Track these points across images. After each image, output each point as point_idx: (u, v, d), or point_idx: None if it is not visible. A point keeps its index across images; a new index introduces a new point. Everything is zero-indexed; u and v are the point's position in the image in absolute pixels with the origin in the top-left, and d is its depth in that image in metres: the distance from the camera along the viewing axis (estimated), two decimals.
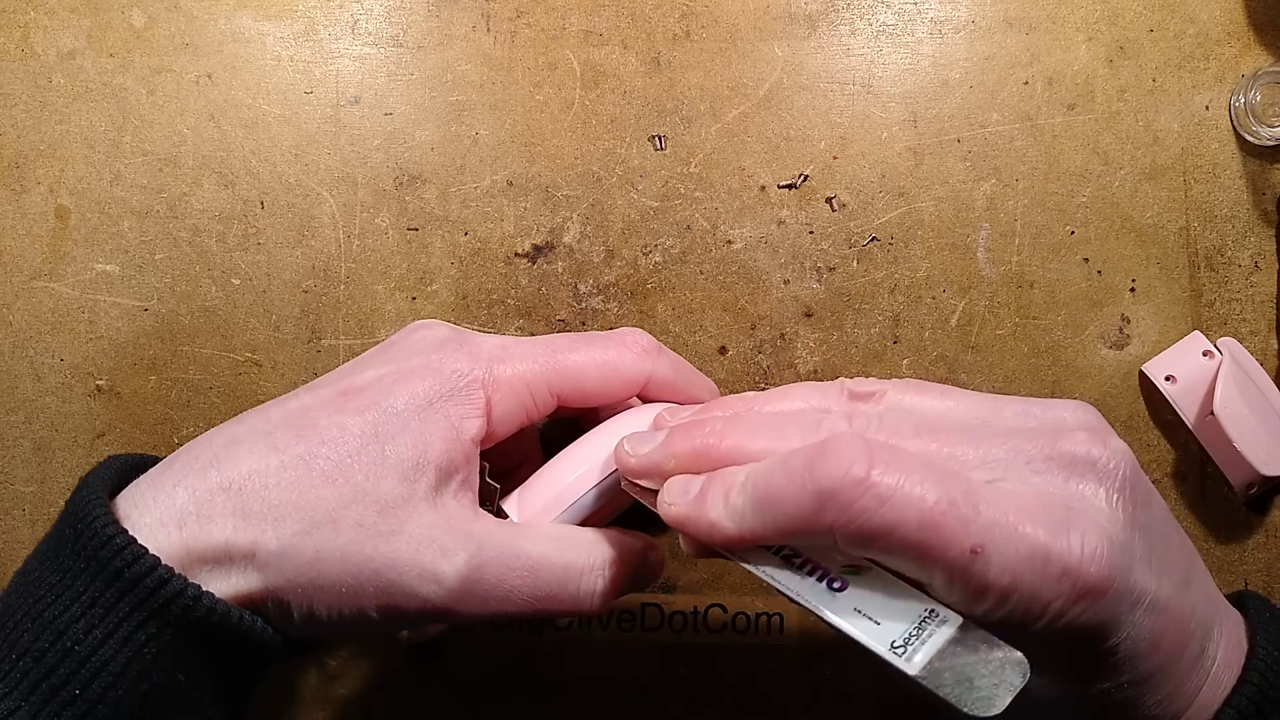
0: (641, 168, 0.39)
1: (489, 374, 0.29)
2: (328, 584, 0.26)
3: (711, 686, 0.38)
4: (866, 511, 0.22)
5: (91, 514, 0.24)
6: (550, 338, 0.31)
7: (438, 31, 0.40)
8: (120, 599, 0.23)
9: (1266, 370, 0.37)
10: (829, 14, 0.39)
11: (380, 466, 0.26)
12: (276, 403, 0.29)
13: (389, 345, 0.31)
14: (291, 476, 0.26)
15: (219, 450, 0.27)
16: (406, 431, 0.27)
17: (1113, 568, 0.23)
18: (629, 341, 0.31)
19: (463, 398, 0.28)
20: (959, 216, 0.39)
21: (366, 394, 0.28)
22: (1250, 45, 0.38)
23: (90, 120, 0.40)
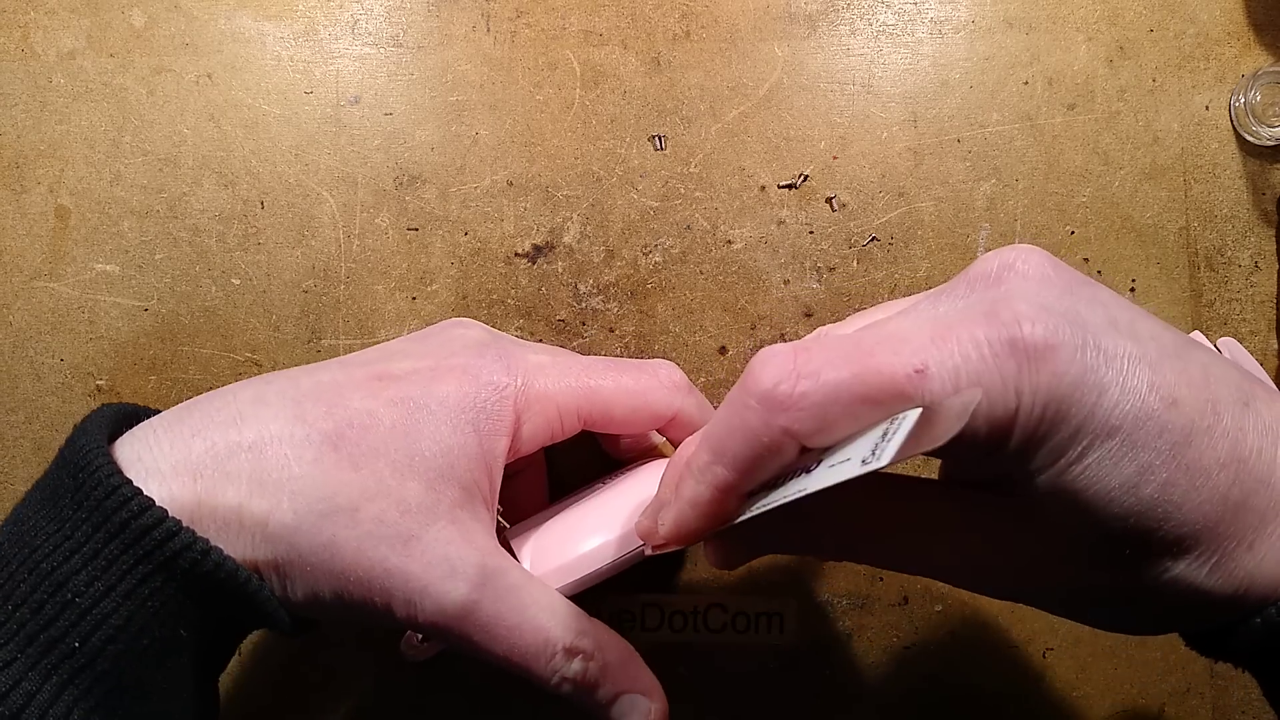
0: (641, 168, 0.39)
1: (524, 392, 0.28)
2: (337, 571, 0.25)
3: (711, 686, 0.38)
4: (807, 394, 0.22)
5: (94, 462, 0.23)
6: (585, 360, 0.31)
7: (438, 31, 0.40)
8: (125, 551, 0.22)
9: (1266, 370, 0.37)
10: (829, 14, 0.39)
11: (408, 467, 0.26)
12: (305, 371, 0.28)
13: (425, 336, 0.30)
14: (316, 453, 0.25)
15: (244, 408, 0.26)
16: (438, 438, 0.26)
17: (1055, 324, 0.21)
18: (662, 376, 0.31)
19: (495, 413, 0.27)
20: (959, 216, 0.39)
21: (402, 385, 0.27)
22: (1250, 45, 0.38)
23: (90, 120, 0.40)
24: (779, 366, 0.22)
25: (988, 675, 0.38)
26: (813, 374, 0.22)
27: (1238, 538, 0.22)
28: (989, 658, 0.38)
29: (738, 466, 0.23)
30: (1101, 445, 0.21)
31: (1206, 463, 0.21)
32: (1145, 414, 0.21)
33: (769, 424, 0.22)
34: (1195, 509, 0.22)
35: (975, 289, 0.23)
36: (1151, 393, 0.21)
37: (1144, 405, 0.21)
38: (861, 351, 0.22)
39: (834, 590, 0.38)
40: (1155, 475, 0.21)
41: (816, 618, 0.38)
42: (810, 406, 0.22)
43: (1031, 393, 0.21)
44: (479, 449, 0.27)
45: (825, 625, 0.38)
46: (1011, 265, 0.23)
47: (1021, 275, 0.23)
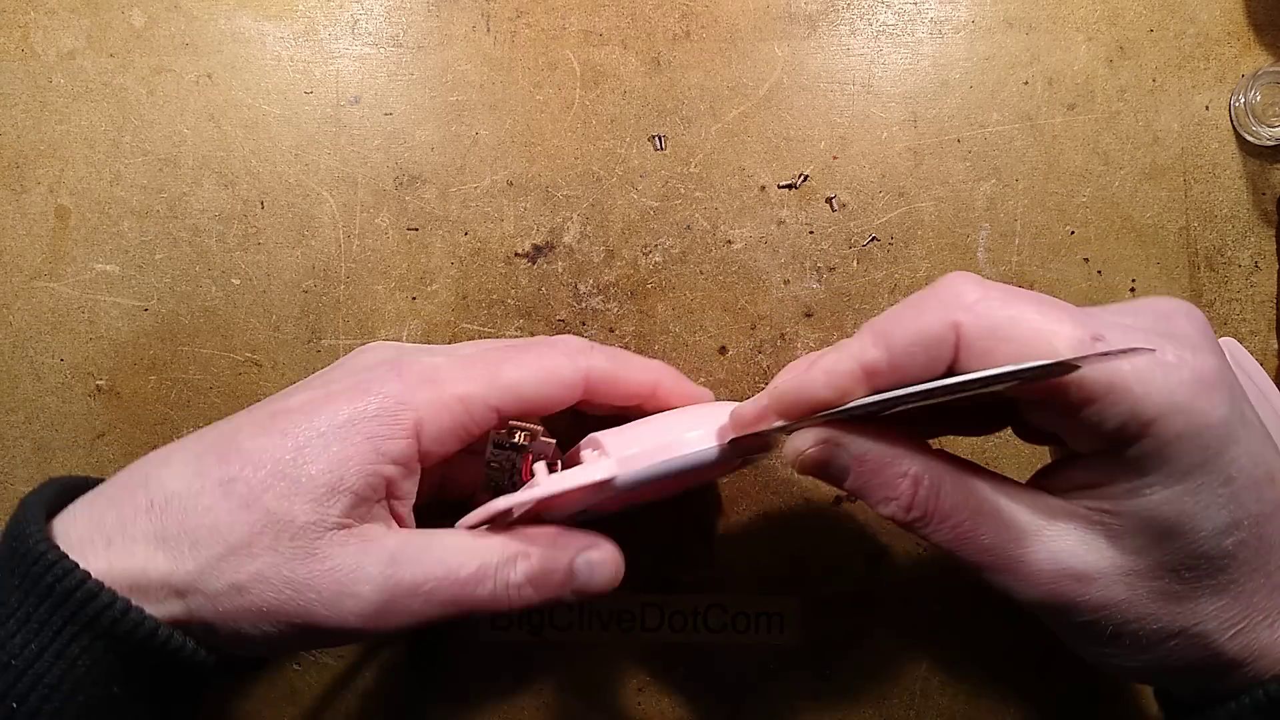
0: (641, 168, 0.39)
1: (416, 392, 0.29)
2: (250, 607, 0.26)
3: (711, 686, 0.38)
4: (992, 305, 0.24)
5: (26, 531, 0.25)
6: (486, 351, 0.31)
7: (438, 31, 0.40)
8: (53, 613, 0.24)
9: (1266, 370, 0.37)
10: (829, 14, 0.39)
11: (294, 491, 0.27)
12: (219, 423, 0.29)
13: (333, 368, 0.32)
14: (209, 501, 0.26)
15: (150, 471, 0.28)
16: (325, 454, 0.27)
17: (1220, 368, 0.24)
18: (560, 346, 0.31)
19: (387, 417, 0.28)
20: (959, 216, 0.39)
21: (293, 416, 0.28)
22: (1250, 45, 0.38)
23: (90, 120, 0.40)
24: (973, 279, 0.25)
25: (988, 675, 0.38)
26: (1000, 298, 0.24)
27: (1267, 612, 0.25)
28: (989, 658, 0.38)
29: (891, 349, 0.25)
30: (1215, 490, 0.24)
31: (1276, 540, 0.24)
32: (1256, 478, 0.24)
33: (942, 316, 0.24)
34: (1251, 573, 0.24)
35: (1141, 314, 0.26)
36: (1263, 465, 0.24)
37: (1256, 470, 0.24)
38: (1049, 305, 0.24)
39: (834, 590, 0.38)
40: (1239, 533, 0.24)
41: (816, 618, 0.38)
42: (986, 315, 0.24)
43: (1183, 411, 0.23)
44: (373, 453, 0.28)
45: (825, 625, 0.38)
46: (1179, 313, 0.26)
47: (1190, 325, 0.25)
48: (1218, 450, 0.23)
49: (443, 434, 0.29)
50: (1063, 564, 0.25)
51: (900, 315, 0.25)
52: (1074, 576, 0.25)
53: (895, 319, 0.25)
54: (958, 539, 0.26)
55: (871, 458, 0.27)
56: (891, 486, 0.27)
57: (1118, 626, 0.25)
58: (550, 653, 0.38)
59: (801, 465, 0.28)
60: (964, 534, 0.26)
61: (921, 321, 0.25)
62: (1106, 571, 0.25)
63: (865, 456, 0.27)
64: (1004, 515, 0.26)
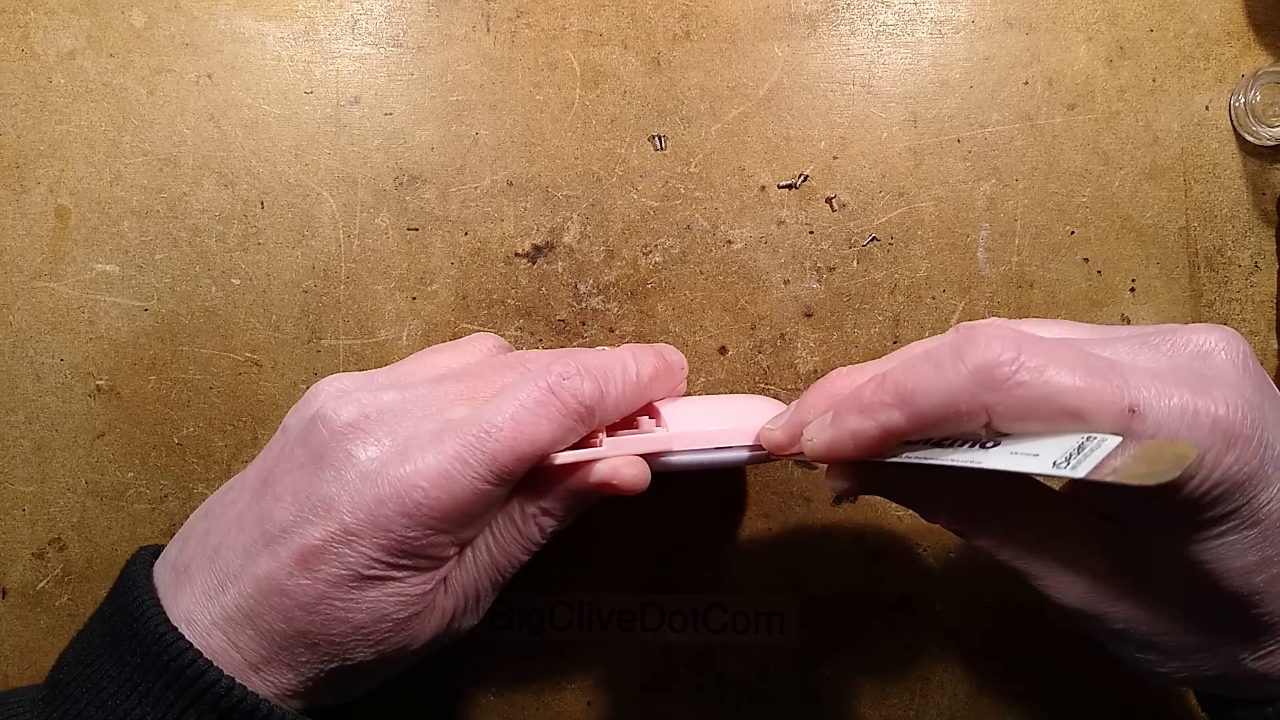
0: (641, 168, 0.39)
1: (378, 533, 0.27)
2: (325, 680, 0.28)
3: (711, 686, 0.38)
4: (1025, 384, 0.23)
5: (144, 612, 0.27)
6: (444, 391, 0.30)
7: (438, 31, 0.40)
8: (168, 688, 0.26)
9: (1266, 370, 0.37)
10: (829, 14, 0.39)
11: (340, 620, 0.28)
12: (265, 539, 0.28)
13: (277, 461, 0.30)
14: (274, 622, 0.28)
15: (241, 565, 0.28)
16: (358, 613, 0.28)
17: (1253, 418, 0.23)
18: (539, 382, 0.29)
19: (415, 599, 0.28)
20: (959, 216, 0.39)
21: (324, 560, 0.27)
22: (1250, 45, 0.38)
23: (90, 120, 0.40)
24: (1006, 346, 0.24)
25: (988, 675, 0.38)
26: (1037, 369, 0.23)
27: None
28: (989, 658, 0.38)
29: (918, 419, 0.25)
30: (1242, 531, 0.24)
31: None
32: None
33: (974, 396, 0.24)
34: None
35: (1179, 353, 0.25)
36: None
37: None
38: (1088, 370, 0.23)
39: (834, 590, 0.38)
40: (1270, 569, 0.24)
41: (816, 618, 0.38)
42: (1022, 397, 0.23)
43: (1212, 468, 0.23)
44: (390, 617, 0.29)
45: (825, 625, 0.38)
46: (1218, 348, 0.25)
47: (1229, 361, 0.25)
48: (1245, 501, 0.24)
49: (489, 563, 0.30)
50: (1092, 583, 0.26)
51: (928, 380, 0.25)
52: (1103, 593, 0.26)
53: (923, 383, 0.25)
54: (994, 546, 0.27)
55: (909, 492, 0.28)
56: (932, 509, 0.28)
57: (1145, 636, 0.26)
58: (550, 653, 0.38)
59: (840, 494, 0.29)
60: (999, 543, 0.27)
61: (950, 393, 0.24)
62: (1135, 593, 0.26)
63: (902, 491, 0.28)
64: (1039, 527, 0.26)
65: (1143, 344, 0.26)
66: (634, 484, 0.30)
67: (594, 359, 0.30)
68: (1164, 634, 0.26)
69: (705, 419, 0.32)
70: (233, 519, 0.29)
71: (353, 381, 0.30)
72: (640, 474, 0.30)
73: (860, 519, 0.38)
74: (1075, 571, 0.26)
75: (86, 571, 0.39)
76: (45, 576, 0.39)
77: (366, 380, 0.30)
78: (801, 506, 0.38)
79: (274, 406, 0.39)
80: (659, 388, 0.32)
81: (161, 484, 0.39)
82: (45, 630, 0.39)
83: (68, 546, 0.39)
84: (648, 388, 0.31)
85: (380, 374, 0.31)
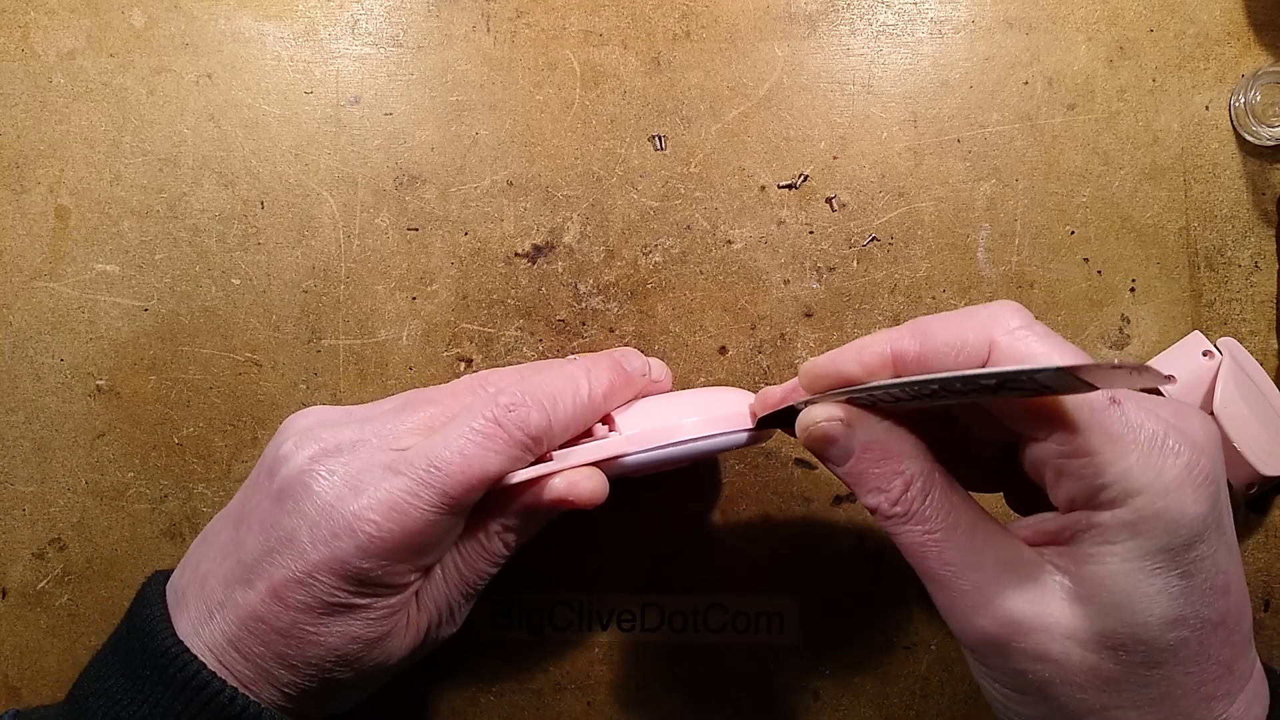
0: (641, 168, 0.39)
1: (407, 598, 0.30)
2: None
3: (711, 686, 0.38)
4: (1029, 338, 0.25)
5: (156, 629, 0.29)
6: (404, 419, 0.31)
7: (438, 31, 0.40)
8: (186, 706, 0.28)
9: (1266, 370, 0.37)
10: (829, 14, 0.39)
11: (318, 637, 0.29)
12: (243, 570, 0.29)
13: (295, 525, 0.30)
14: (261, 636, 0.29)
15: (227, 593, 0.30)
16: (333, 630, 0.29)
17: (1215, 472, 0.24)
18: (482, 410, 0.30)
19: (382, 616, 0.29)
20: (959, 216, 0.39)
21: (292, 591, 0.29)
22: (1250, 45, 0.38)
23: (90, 120, 0.40)
24: (1023, 313, 0.26)
25: None
26: (1040, 335, 0.26)
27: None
28: None
29: (925, 343, 0.26)
30: (1171, 576, 0.24)
31: (1213, 653, 0.25)
32: (1213, 584, 0.24)
33: (982, 331, 0.26)
34: (1183, 677, 0.25)
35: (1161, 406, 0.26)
36: (1223, 574, 0.25)
37: (1216, 576, 0.24)
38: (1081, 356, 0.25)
39: (834, 590, 0.38)
40: (1183, 630, 0.24)
41: (816, 618, 0.38)
42: (1021, 342, 0.25)
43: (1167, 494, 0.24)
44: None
45: (825, 625, 0.38)
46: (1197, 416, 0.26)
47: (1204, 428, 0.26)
48: (1185, 543, 0.24)
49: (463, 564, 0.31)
50: (1010, 606, 0.25)
51: (945, 318, 0.27)
52: (1017, 620, 0.25)
53: (939, 320, 0.27)
54: (925, 545, 0.27)
55: (877, 447, 0.27)
56: (885, 479, 0.27)
57: (1045, 684, 0.25)
58: (550, 653, 0.38)
59: (810, 437, 0.28)
60: (933, 543, 0.27)
61: (962, 327, 0.26)
62: (1049, 627, 0.25)
63: (871, 444, 0.27)
64: (974, 540, 0.26)
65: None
66: (591, 497, 0.30)
67: (544, 383, 0.30)
68: (1062, 685, 0.25)
69: (661, 416, 0.32)
70: (218, 548, 0.30)
71: (323, 415, 0.32)
72: (597, 486, 0.30)
73: (860, 519, 0.38)
74: (992, 593, 0.26)
75: (86, 571, 0.39)
76: (45, 576, 0.39)
77: (340, 416, 0.32)
78: (801, 506, 0.38)
79: (274, 406, 0.39)
80: (615, 400, 0.32)
81: (161, 484, 0.39)
82: (45, 630, 0.39)
83: (68, 546, 0.39)
84: (601, 405, 0.32)
85: (357, 409, 0.32)
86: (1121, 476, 0.24)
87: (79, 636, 0.39)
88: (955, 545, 0.26)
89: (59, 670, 0.39)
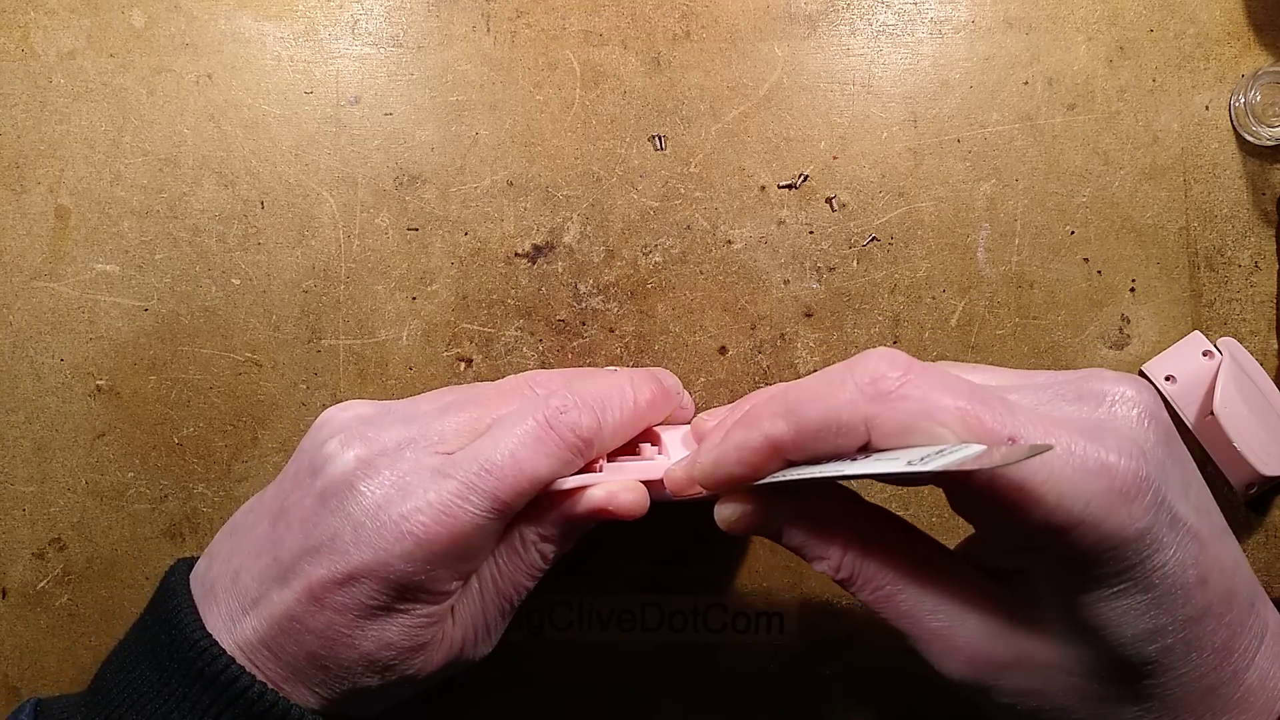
0: (641, 168, 0.39)
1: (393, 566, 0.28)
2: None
3: (711, 686, 0.38)
4: (908, 397, 0.23)
5: (183, 621, 0.28)
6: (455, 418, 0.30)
7: (438, 31, 0.40)
8: (214, 701, 0.27)
9: (1266, 370, 0.37)
10: (829, 14, 0.39)
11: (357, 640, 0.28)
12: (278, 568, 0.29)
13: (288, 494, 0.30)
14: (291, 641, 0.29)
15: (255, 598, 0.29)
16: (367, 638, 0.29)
17: (1148, 470, 0.22)
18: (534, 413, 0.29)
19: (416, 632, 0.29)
20: (959, 216, 0.39)
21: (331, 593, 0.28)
22: (1250, 45, 0.38)
23: (90, 120, 0.40)
24: (894, 364, 0.24)
25: None
26: (922, 386, 0.23)
27: (1198, 715, 0.24)
28: None
29: (800, 429, 0.25)
30: (1134, 595, 0.23)
31: (1204, 643, 0.23)
32: (1180, 584, 0.23)
33: (856, 407, 0.24)
34: (1177, 679, 0.24)
35: (1085, 402, 0.24)
36: (1193, 567, 0.23)
37: (1183, 576, 0.23)
38: (973, 397, 0.23)
39: (834, 590, 0.38)
40: (1163, 638, 0.23)
41: (816, 618, 0.38)
42: (903, 410, 0.23)
43: (1098, 523, 0.22)
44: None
45: (825, 625, 0.38)
46: (1124, 398, 0.24)
47: (1135, 413, 0.24)
48: (1137, 561, 0.23)
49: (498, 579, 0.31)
50: (980, 647, 0.25)
51: (814, 391, 0.25)
52: (990, 660, 0.25)
53: (809, 395, 0.25)
54: (881, 601, 0.26)
55: (801, 522, 0.27)
56: (822, 548, 0.27)
57: (1036, 713, 0.25)
58: (550, 653, 0.38)
59: (731, 530, 0.28)
60: (885, 598, 0.26)
61: (833, 404, 0.24)
62: (1023, 661, 0.24)
63: (795, 524, 0.27)
64: (929, 587, 0.26)
65: (1050, 390, 0.25)
66: (631, 509, 0.30)
67: (593, 388, 0.30)
68: (1052, 710, 0.25)
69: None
70: (251, 543, 0.30)
71: (363, 411, 0.31)
72: (638, 499, 0.30)
73: None
74: (958, 638, 0.25)
75: (86, 571, 0.39)
76: (45, 576, 0.39)
77: (379, 412, 0.31)
78: None
79: (274, 406, 0.39)
80: (656, 412, 0.32)
81: (161, 484, 0.39)
82: (45, 630, 0.39)
83: (68, 546, 0.39)
84: (645, 414, 0.32)
85: (396, 405, 0.32)
86: (1045, 520, 0.22)
87: (79, 636, 0.39)
88: (909, 596, 0.26)
89: (59, 670, 0.39)
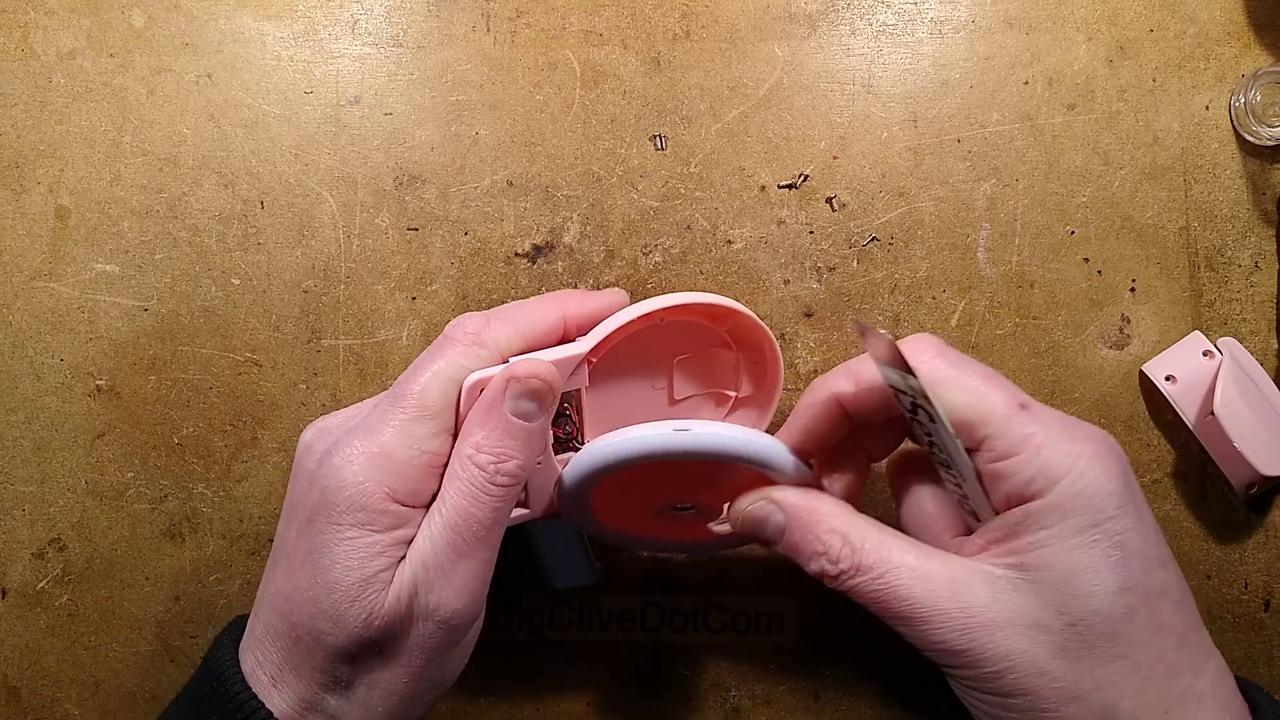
0: (641, 168, 0.39)
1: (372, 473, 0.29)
2: None
3: (711, 686, 0.38)
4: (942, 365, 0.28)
5: (226, 672, 0.30)
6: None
7: (438, 31, 0.40)
8: None
9: (1266, 370, 0.37)
10: (829, 14, 0.39)
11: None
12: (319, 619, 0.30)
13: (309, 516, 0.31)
14: None
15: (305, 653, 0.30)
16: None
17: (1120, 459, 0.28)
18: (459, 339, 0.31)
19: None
20: (959, 216, 0.39)
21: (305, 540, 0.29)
22: (1250, 45, 0.38)
23: (90, 120, 0.40)
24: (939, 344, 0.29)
25: None
26: (952, 363, 0.29)
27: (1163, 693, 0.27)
28: None
29: (860, 383, 0.30)
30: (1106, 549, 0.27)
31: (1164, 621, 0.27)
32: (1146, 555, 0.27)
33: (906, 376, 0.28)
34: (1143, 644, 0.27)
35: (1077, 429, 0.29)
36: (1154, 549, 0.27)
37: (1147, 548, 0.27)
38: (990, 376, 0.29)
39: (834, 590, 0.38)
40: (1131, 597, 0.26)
41: (816, 618, 0.38)
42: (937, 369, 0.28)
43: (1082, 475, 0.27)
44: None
45: (825, 625, 0.38)
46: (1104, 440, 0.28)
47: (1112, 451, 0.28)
48: (1110, 515, 0.27)
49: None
50: (973, 612, 0.27)
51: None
52: (982, 624, 0.27)
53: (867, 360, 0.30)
54: (879, 590, 0.29)
55: (803, 514, 0.30)
56: (820, 540, 0.30)
57: (1020, 680, 0.27)
58: (550, 653, 0.38)
59: (743, 524, 0.31)
60: (885, 584, 0.29)
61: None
62: (1012, 620, 0.27)
63: (797, 513, 0.30)
64: (921, 568, 0.28)
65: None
66: (529, 377, 0.30)
67: (501, 309, 0.32)
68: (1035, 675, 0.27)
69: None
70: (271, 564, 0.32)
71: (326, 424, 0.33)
72: (534, 369, 0.30)
73: None
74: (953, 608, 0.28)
75: (86, 571, 0.39)
76: (45, 576, 0.39)
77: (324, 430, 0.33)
78: None
79: (274, 406, 0.39)
80: (569, 303, 0.33)
81: (161, 484, 0.39)
82: (45, 630, 0.39)
83: (68, 546, 0.39)
84: (552, 302, 0.33)
85: None
86: (1043, 467, 0.27)
87: (79, 636, 0.39)
88: (905, 579, 0.28)
89: (59, 670, 0.39)
